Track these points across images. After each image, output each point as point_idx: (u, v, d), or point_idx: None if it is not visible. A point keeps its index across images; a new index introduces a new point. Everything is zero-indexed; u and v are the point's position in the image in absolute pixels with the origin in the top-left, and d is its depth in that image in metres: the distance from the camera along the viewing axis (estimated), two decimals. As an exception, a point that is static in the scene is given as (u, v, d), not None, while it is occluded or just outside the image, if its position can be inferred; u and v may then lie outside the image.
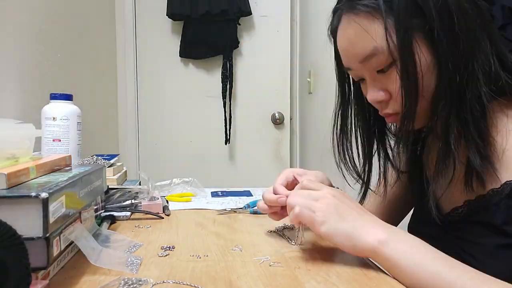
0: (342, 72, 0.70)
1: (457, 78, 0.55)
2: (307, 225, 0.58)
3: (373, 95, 0.62)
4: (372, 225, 0.56)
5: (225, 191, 1.15)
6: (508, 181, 0.56)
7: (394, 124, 0.71)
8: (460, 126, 0.57)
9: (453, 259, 0.52)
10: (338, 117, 0.72)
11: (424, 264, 0.51)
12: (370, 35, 0.58)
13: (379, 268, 0.57)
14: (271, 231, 0.75)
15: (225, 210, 0.90)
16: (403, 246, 0.53)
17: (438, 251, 0.53)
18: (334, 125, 0.73)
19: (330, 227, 0.55)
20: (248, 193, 1.13)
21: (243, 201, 1.01)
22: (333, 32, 0.66)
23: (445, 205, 0.67)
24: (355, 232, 0.55)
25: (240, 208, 0.91)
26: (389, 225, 0.57)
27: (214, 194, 1.10)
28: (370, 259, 0.60)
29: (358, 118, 0.72)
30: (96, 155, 1.10)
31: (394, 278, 0.53)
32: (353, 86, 0.71)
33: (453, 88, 0.56)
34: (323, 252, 0.63)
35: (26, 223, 0.44)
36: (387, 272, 0.55)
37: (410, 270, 0.51)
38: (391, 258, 0.52)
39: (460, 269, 0.51)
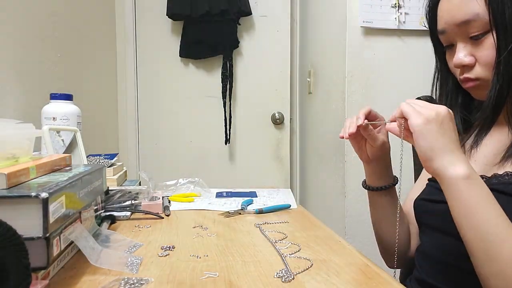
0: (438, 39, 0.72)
1: None
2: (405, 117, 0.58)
3: (460, 57, 0.65)
4: (460, 160, 0.56)
5: (230, 192, 1.12)
6: None
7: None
8: None
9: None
10: (436, 81, 0.76)
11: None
12: (476, 0, 0.61)
13: (379, 268, 0.57)
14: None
15: (228, 212, 0.88)
16: (480, 189, 0.55)
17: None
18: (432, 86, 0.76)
19: (424, 130, 0.56)
20: (253, 194, 1.09)
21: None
22: (434, 4, 0.69)
23: None
24: (445, 153, 0.56)
25: (242, 209, 0.90)
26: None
27: (219, 195, 1.08)
28: (370, 260, 0.60)
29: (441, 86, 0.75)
30: (91, 155, 1.11)
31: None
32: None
33: None
34: (323, 252, 0.63)
35: (26, 223, 0.44)
36: (387, 272, 0.55)
37: (475, 211, 0.54)
38: (466, 193, 0.55)
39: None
